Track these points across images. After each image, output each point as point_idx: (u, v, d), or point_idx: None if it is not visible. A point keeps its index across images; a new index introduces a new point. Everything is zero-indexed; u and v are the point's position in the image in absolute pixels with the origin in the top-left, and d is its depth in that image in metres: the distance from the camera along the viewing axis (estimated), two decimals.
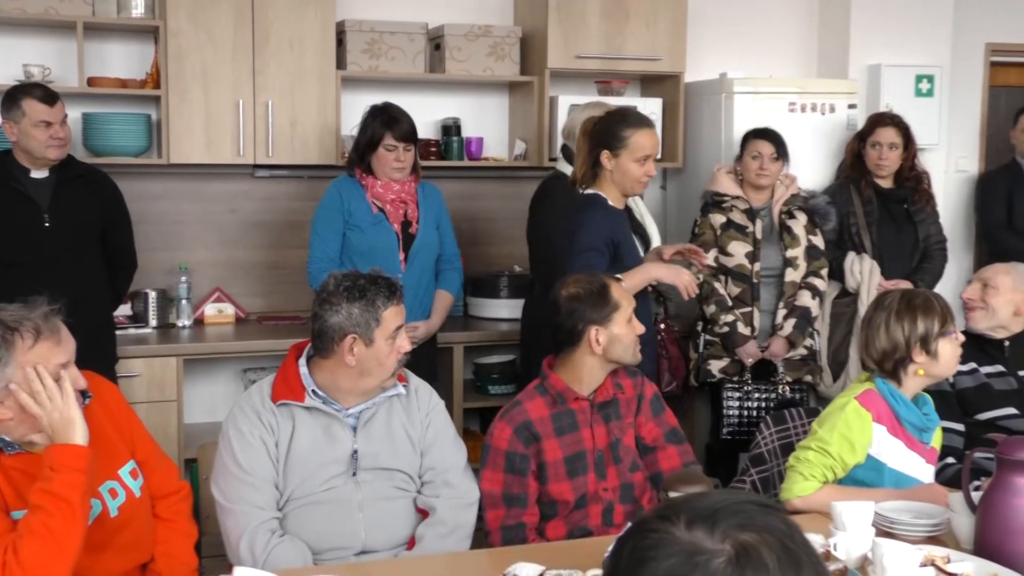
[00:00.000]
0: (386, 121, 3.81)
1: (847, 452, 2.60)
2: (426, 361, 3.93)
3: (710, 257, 4.19)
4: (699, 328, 4.34)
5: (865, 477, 2.64)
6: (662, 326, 4.33)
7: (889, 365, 2.68)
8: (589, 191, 3.47)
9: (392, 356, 2.51)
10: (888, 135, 4.43)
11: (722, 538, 0.95)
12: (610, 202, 3.46)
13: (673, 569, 0.93)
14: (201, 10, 4.19)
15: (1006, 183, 5.15)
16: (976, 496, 2.31)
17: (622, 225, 3.48)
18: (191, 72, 4.21)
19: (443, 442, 2.61)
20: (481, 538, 2.71)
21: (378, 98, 4.07)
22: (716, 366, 4.24)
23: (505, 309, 4.57)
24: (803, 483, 2.57)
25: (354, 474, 2.49)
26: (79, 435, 2.11)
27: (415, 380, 2.68)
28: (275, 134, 4.30)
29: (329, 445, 2.49)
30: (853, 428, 2.61)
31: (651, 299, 3.60)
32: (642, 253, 4.05)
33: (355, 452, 2.50)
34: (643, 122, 3.45)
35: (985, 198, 5.26)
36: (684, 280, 3.38)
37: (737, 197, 4.25)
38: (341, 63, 4.41)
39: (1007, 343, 3.21)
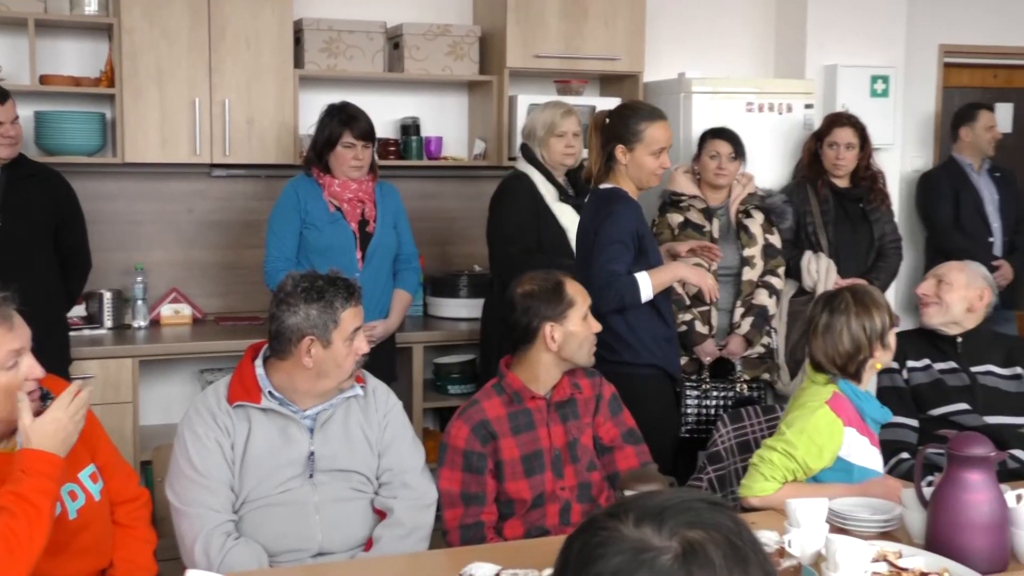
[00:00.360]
0: (344, 119, 3.81)
1: (813, 457, 2.62)
2: (385, 361, 3.93)
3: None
4: None
5: (835, 479, 2.67)
6: None
7: (853, 366, 2.71)
8: (607, 186, 3.45)
9: (350, 358, 2.51)
10: (845, 135, 4.49)
11: (670, 535, 0.96)
12: (630, 194, 3.45)
13: (620, 566, 0.94)
14: (156, 7, 4.16)
15: (949, 182, 5.23)
16: (928, 492, 2.35)
17: (643, 218, 3.48)
18: (146, 70, 4.18)
19: (401, 443, 2.60)
20: (439, 538, 2.71)
21: (336, 97, 4.06)
22: None
23: (465, 309, 4.57)
24: (763, 483, 2.59)
25: (311, 476, 2.49)
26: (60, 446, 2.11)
27: (373, 381, 2.67)
28: (232, 133, 4.27)
29: (285, 447, 2.48)
30: (822, 433, 2.64)
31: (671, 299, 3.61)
32: None
33: (312, 454, 2.49)
34: (656, 115, 3.43)
35: (929, 198, 5.32)
36: (709, 283, 3.44)
37: (694, 196, 4.28)
38: (299, 62, 4.40)
39: (960, 339, 3.25)
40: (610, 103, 4.75)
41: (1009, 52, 5.82)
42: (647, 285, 3.28)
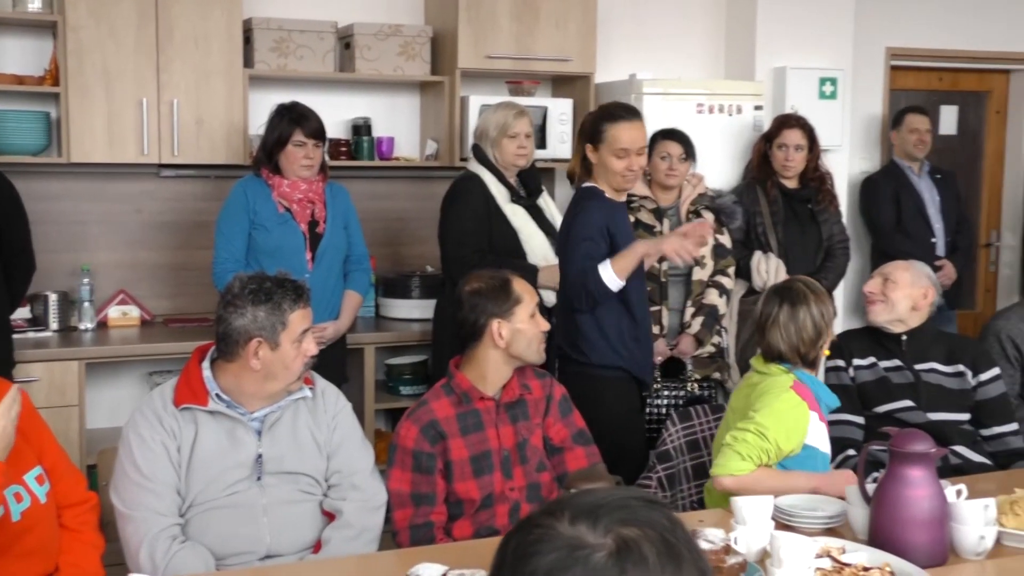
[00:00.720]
0: (294, 118, 3.80)
1: (783, 438, 2.67)
2: (336, 362, 3.93)
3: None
4: None
5: (802, 466, 2.73)
6: None
7: (813, 352, 2.81)
8: (587, 184, 3.48)
9: (298, 359, 2.50)
10: (794, 137, 4.54)
11: (604, 533, 0.97)
12: (607, 194, 3.46)
13: (555, 563, 0.95)
14: (102, 5, 4.11)
15: (891, 185, 5.30)
16: (871, 488, 2.38)
17: (619, 216, 3.47)
18: (92, 69, 4.13)
19: (350, 445, 2.60)
20: (389, 540, 2.71)
21: (287, 97, 4.04)
22: None
23: (417, 309, 4.56)
24: (739, 462, 2.61)
25: (259, 478, 2.48)
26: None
27: (321, 383, 2.67)
28: (180, 133, 4.24)
29: (233, 449, 2.47)
30: (790, 416, 2.71)
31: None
32: (555, 255, 4.10)
33: (259, 456, 2.48)
34: (621, 115, 3.42)
35: (871, 201, 5.39)
36: (670, 247, 3.28)
37: (645, 197, 4.31)
38: (248, 61, 4.37)
39: (904, 337, 3.30)
40: (562, 104, 4.81)
41: (954, 55, 5.92)
42: (608, 272, 3.29)
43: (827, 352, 2.86)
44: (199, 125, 4.27)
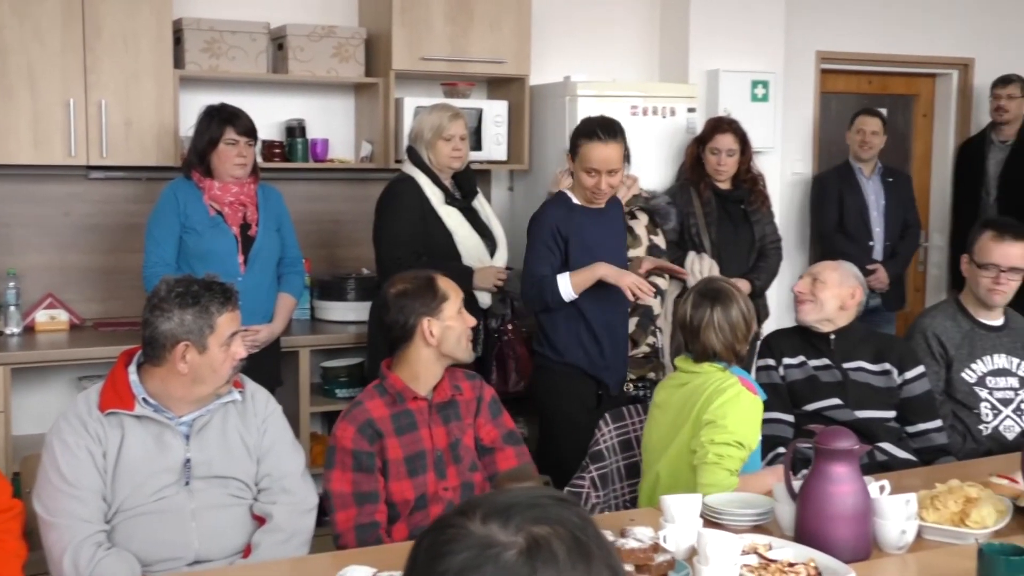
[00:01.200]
0: (225, 117, 3.78)
1: (753, 441, 2.76)
2: (270, 365, 3.91)
3: None
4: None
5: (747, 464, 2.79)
6: (509, 327, 4.40)
7: (745, 348, 2.91)
8: (560, 190, 3.67)
9: (227, 363, 2.49)
10: (726, 141, 4.59)
11: (515, 531, 0.98)
12: (575, 200, 3.64)
13: (467, 562, 0.96)
14: (26, 4, 4.04)
15: (837, 185, 5.39)
16: (798, 485, 2.42)
17: (581, 220, 3.59)
18: (16, 69, 4.05)
19: (280, 448, 2.59)
20: (322, 544, 2.70)
21: (219, 98, 4.00)
22: None
23: (352, 312, 4.54)
24: (730, 479, 2.68)
25: (187, 483, 2.46)
26: None
27: (251, 385, 2.65)
28: (109, 134, 4.17)
29: (160, 454, 2.44)
30: (754, 416, 2.78)
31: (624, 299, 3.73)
32: (490, 257, 4.12)
33: (188, 460, 2.46)
34: (594, 135, 3.56)
35: (817, 199, 5.49)
36: (627, 282, 3.50)
37: None
38: (179, 62, 4.32)
39: (833, 336, 3.35)
40: (498, 106, 4.82)
41: (882, 60, 6.03)
42: (566, 285, 3.54)
43: (746, 349, 2.95)
44: (128, 126, 4.21)
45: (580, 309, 3.61)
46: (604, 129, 3.58)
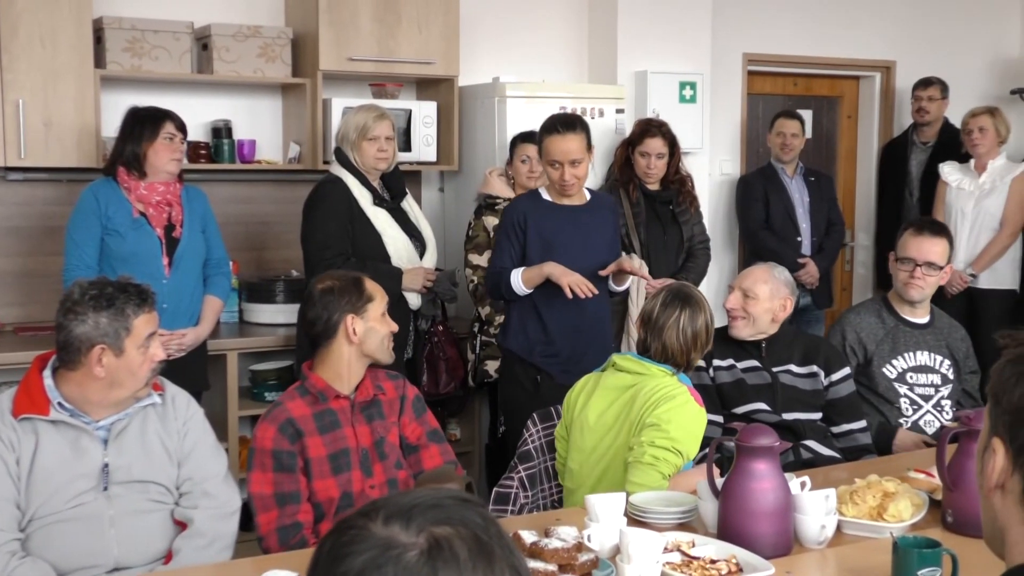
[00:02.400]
0: (159, 115, 3.75)
1: (692, 450, 2.78)
2: (196, 369, 3.86)
3: (483, 259, 4.28)
4: (475, 329, 4.41)
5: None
6: (439, 328, 4.39)
7: (698, 360, 2.94)
8: (539, 189, 3.79)
9: (145, 365, 2.46)
10: (655, 145, 4.61)
11: (417, 532, 0.97)
12: (546, 195, 3.73)
13: (367, 563, 0.95)
14: None
15: (762, 185, 5.47)
16: (720, 483, 2.44)
17: (544, 217, 3.68)
18: None
19: (201, 451, 2.57)
20: (247, 549, 2.67)
21: (141, 99, 3.96)
22: (493, 366, 4.32)
23: (281, 314, 4.50)
24: (660, 482, 2.68)
25: (105, 488, 2.42)
26: None
27: (172, 388, 2.62)
28: (27, 135, 4.08)
29: (77, 460, 2.40)
30: (698, 427, 2.80)
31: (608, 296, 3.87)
32: (419, 258, 4.11)
33: (106, 466, 2.43)
34: (554, 128, 3.65)
35: (743, 200, 5.56)
36: (567, 280, 3.56)
37: (509, 199, 4.33)
38: (100, 62, 4.24)
39: (764, 344, 3.37)
40: (427, 107, 4.80)
41: (807, 62, 6.12)
42: (518, 280, 3.64)
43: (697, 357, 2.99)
44: (48, 127, 4.12)
45: (534, 302, 3.70)
46: (562, 123, 3.68)
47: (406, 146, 4.67)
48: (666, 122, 4.72)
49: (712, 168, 5.68)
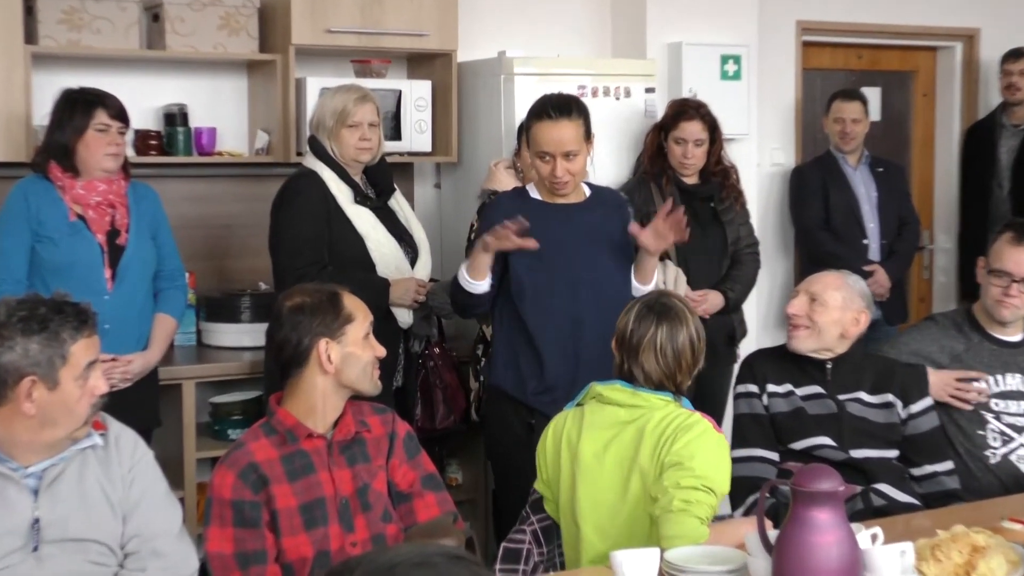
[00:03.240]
0: (91, 99, 3.75)
1: (725, 487, 2.76)
2: (145, 402, 3.87)
3: None
4: (479, 352, 4.39)
5: None
6: (436, 350, 4.38)
7: (687, 381, 2.90)
8: (519, 187, 3.81)
9: (84, 400, 2.46)
10: (693, 130, 4.61)
11: None
12: (534, 194, 3.71)
13: None
14: None
15: (820, 177, 5.45)
16: (774, 535, 2.42)
17: (532, 219, 3.58)
18: None
19: (151, 502, 2.56)
20: None
21: (81, 79, 3.96)
22: None
23: (247, 335, 4.50)
24: (700, 528, 2.67)
25: (35, 548, 2.42)
26: None
27: (116, 427, 2.62)
28: None
29: (2, 514, 2.40)
30: (725, 459, 2.78)
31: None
32: (410, 267, 4.10)
33: (36, 521, 2.43)
34: (545, 112, 3.62)
35: (798, 195, 5.55)
36: (488, 238, 3.50)
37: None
38: (31, 37, 4.26)
39: (829, 365, 3.35)
40: (419, 87, 4.80)
41: (874, 30, 6.11)
42: (462, 271, 3.61)
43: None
44: None
45: (526, 326, 3.63)
46: (554, 106, 3.64)
47: (395, 134, 4.67)
48: (705, 103, 4.72)
49: (761, 157, 5.66)
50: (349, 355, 2.75)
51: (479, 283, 3.59)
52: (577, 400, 3.01)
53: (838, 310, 3.31)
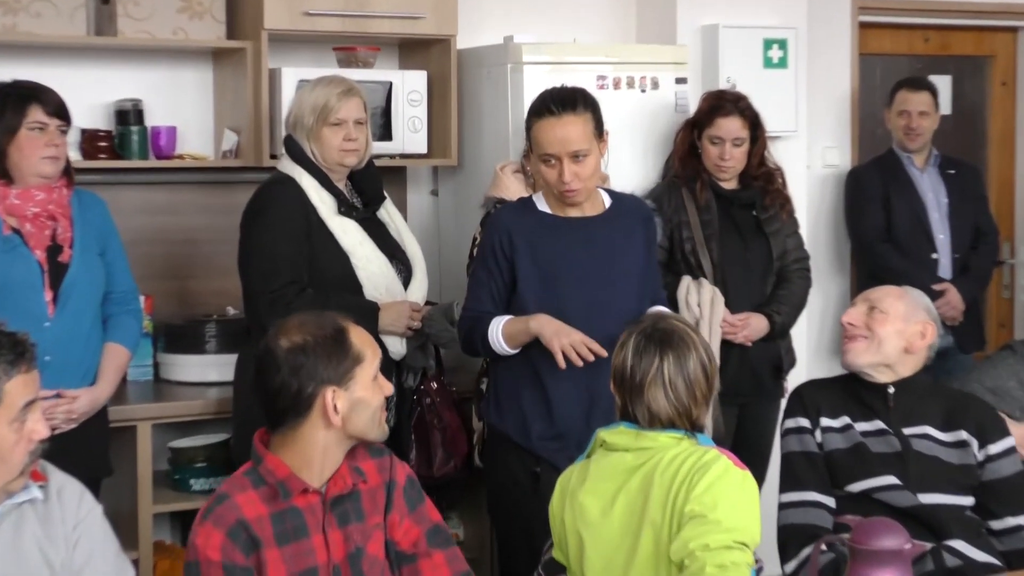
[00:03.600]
0: (25, 94, 3.76)
1: (758, 537, 2.72)
2: (94, 447, 3.86)
3: None
4: (483, 387, 4.37)
5: None
6: (433, 384, 4.37)
7: (705, 415, 2.87)
8: (525, 196, 3.85)
9: (20, 446, 2.46)
10: (732, 127, 4.60)
11: None
12: (542, 206, 3.73)
13: None
14: None
15: (881, 181, 5.44)
16: None
17: (541, 237, 3.64)
18: None
19: (98, 565, 2.57)
20: None
21: (18, 71, 3.98)
22: None
23: (214, 369, 4.51)
24: None
25: None
26: None
27: (58, 477, 2.62)
28: None
29: None
30: (753, 502, 2.76)
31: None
32: (402, 288, 4.10)
33: None
34: (546, 108, 3.63)
35: (856, 201, 5.53)
36: (559, 343, 3.48)
37: None
38: None
39: (892, 390, 3.35)
40: (413, 79, 4.81)
41: (943, 8, 6.11)
42: (498, 335, 3.61)
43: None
44: None
45: (532, 361, 3.64)
46: (557, 101, 3.64)
47: (385, 133, 4.69)
48: (745, 95, 4.72)
49: (811, 158, 5.67)
50: (358, 402, 2.72)
51: (512, 349, 3.63)
52: (586, 452, 2.99)
53: (901, 320, 3.33)
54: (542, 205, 3.72)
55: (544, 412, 3.64)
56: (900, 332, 3.33)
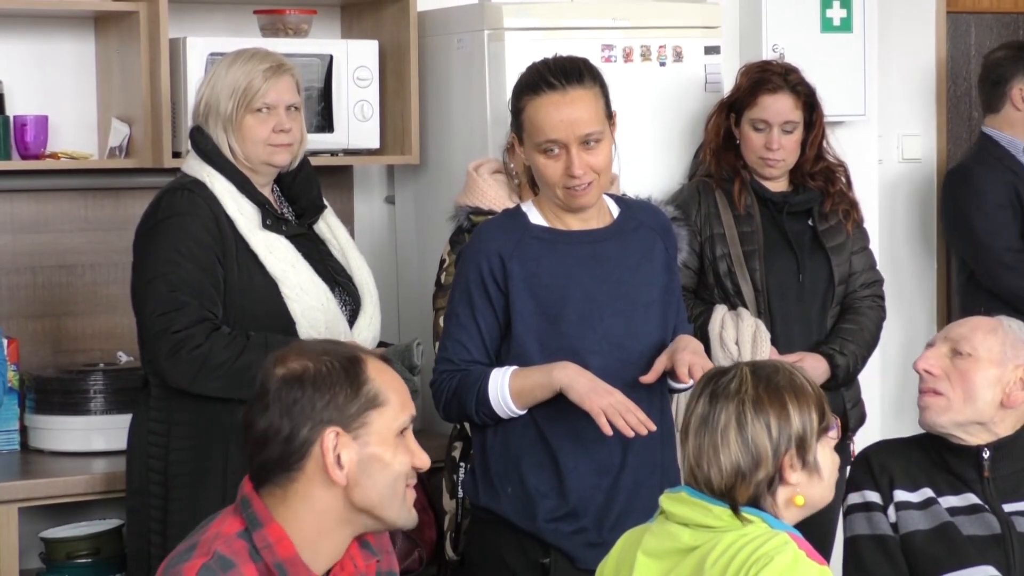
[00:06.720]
0: None
1: None
2: None
3: None
4: (457, 454, 4.41)
5: None
6: None
7: (747, 492, 2.76)
8: (519, 204, 3.85)
9: None
10: (781, 108, 4.63)
11: None
12: (535, 218, 3.70)
13: None
14: None
15: (1009, 183, 5.45)
16: None
17: (540, 257, 3.62)
18: None
19: None
20: None
21: None
22: None
23: (100, 435, 4.54)
24: None
25: None
26: None
27: None
28: None
29: None
30: None
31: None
32: (347, 325, 4.12)
33: None
34: (541, 80, 3.63)
35: (978, 210, 5.50)
36: (605, 403, 3.43)
37: None
38: None
39: (987, 454, 3.37)
40: (360, 50, 4.81)
41: None
42: (503, 391, 3.55)
43: (799, 501, 2.84)
44: None
45: (535, 419, 3.62)
46: (560, 72, 3.63)
47: (323, 122, 4.73)
48: (797, 68, 4.75)
49: (885, 150, 5.72)
50: (371, 459, 2.63)
51: (521, 410, 3.59)
52: (654, 517, 2.96)
53: (994, 364, 3.35)
54: (535, 216, 3.68)
55: (554, 485, 3.61)
56: (995, 380, 3.34)
